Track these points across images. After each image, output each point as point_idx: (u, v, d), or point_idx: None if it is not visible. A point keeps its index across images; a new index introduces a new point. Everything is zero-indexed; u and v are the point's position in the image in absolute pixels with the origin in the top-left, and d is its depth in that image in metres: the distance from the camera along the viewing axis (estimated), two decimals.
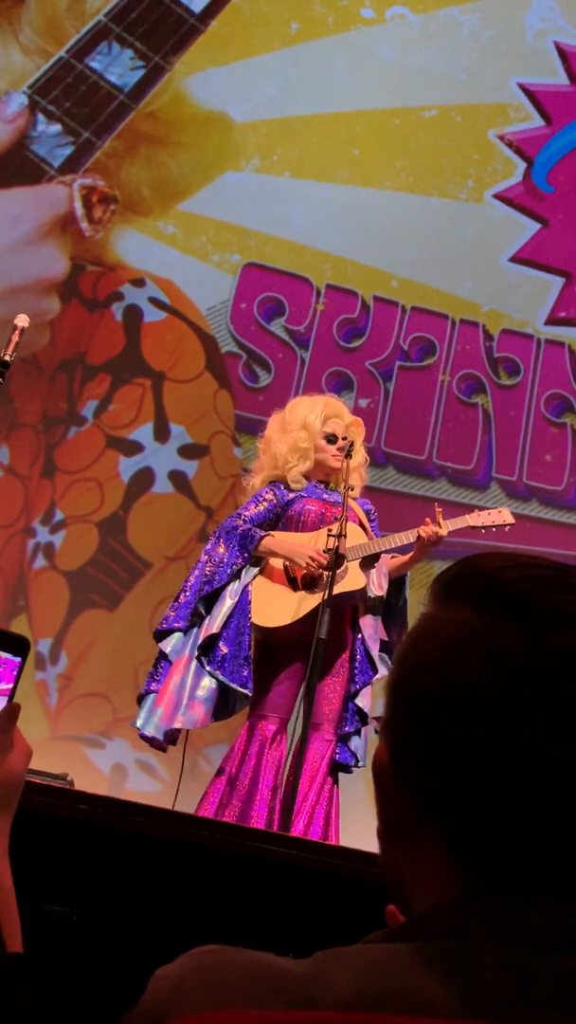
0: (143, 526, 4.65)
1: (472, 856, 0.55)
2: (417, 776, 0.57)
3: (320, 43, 5.07)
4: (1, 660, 0.87)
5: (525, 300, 5.07)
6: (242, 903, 1.69)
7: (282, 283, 4.94)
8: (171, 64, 4.95)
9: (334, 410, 3.21)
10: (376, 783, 0.60)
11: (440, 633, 0.58)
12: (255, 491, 3.15)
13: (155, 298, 4.84)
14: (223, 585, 2.97)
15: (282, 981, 0.51)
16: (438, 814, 0.56)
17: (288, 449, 3.13)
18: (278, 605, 2.99)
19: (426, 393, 4.95)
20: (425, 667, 0.58)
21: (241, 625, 2.94)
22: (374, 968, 0.51)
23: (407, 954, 0.52)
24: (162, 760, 4.27)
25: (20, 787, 0.85)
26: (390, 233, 4.99)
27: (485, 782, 0.55)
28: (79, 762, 4.18)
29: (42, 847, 1.52)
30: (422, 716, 0.57)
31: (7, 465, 4.67)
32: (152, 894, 1.67)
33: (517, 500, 4.90)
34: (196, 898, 1.69)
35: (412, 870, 0.58)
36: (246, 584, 3.00)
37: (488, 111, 5.16)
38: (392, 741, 0.59)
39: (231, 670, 2.89)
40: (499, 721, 0.54)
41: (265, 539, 3.01)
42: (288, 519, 3.10)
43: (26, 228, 4.81)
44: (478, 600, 0.58)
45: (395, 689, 0.60)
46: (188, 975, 0.53)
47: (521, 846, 0.54)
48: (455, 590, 0.59)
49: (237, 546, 3.01)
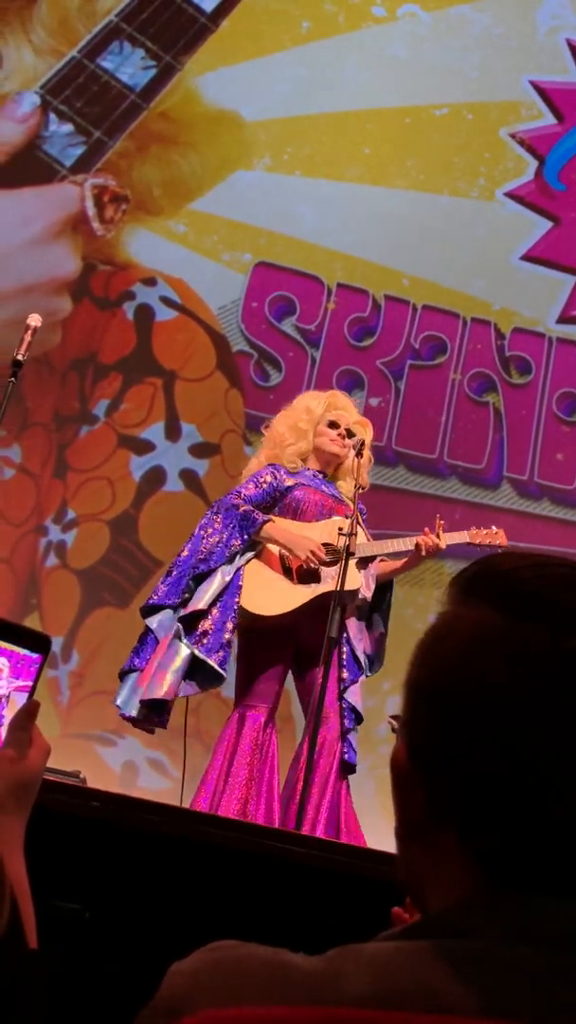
0: (154, 525, 4.66)
1: (489, 855, 0.55)
2: (435, 775, 0.57)
3: (331, 42, 5.07)
4: (22, 657, 0.88)
5: (536, 299, 5.06)
6: (253, 900, 1.70)
7: (293, 282, 4.94)
8: (182, 63, 4.95)
9: (340, 403, 3.20)
10: (394, 781, 0.60)
11: (459, 633, 0.58)
12: (251, 473, 3.13)
13: (166, 297, 4.85)
14: (218, 566, 2.93)
15: (297, 977, 0.52)
16: (456, 813, 0.56)
17: (286, 428, 3.13)
18: (270, 593, 2.95)
19: (437, 392, 4.94)
20: (444, 666, 0.58)
21: (228, 606, 2.90)
22: (390, 965, 0.51)
23: (423, 952, 0.52)
24: (173, 758, 4.28)
25: (37, 784, 0.85)
26: (401, 232, 4.98)
27: (503, 782, 0.55)
28: (90, 760, 4.19)
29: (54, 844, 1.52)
30: (440, 715, 0.57)
31: (19, 464, 4.69)
32: (163, 891, 1.68)
33: (528, 499, 4.89)
34: (207, 895, 1.69)
35: (429, 868, 0.58)
36: (239, 567, 2.96)
37: (499, 109, 5.14)
38: (410, 740, 0.59)
39: (210, 647, 2.84)
40: (517, 721, 0.54)
41: (267, 525, 2.97)
42: (285, 505, 3.06)
43: (38, 228, 4.82)
44: (496, 600, 0.58)
45: (413, 688, 0.60)
46: (204, 970, 0.53)
47: (539, 846, 0.54)
48: (474, 589, 0.59)
49: (237, 527, 2.96)
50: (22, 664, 0.88)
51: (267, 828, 2.40)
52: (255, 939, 0.55)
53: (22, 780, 0.83)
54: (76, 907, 1.53)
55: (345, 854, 1.91)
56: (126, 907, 1.63)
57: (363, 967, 0.52)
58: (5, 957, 0.72)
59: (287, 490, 3.07)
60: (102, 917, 1.57)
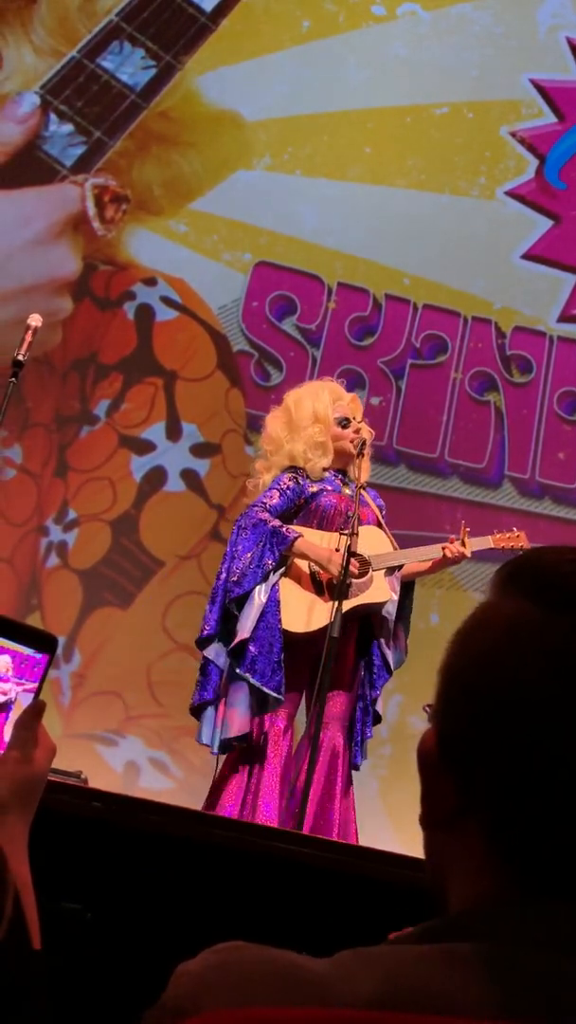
0: (155, 525, 4.65)
1: (513, 851, 0.55)
2: (464, 764, 0.57)
3: (331, 41, 5.07)
4: (27, 657, 0.87)
5: (537, 297, 5.05)
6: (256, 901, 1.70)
7: (293, 281, 4.94)
8: (182, 63, 4.95)
9: (336, 393, 3.16)
10: (421, 769, 0.60)
11: (495, 624, 0.58)
12: (266, 488, 3.05)
13: (167, 297, 4.85)
14: (253, 588, 2.89)
15: (304, 979, 0.51)
16: (482, 804, 0.56)
17: (306, 446, 3.04)
18: (304, 610, 2.92)
19: (438, 391, 4.94)
20: (479, 658, 0.58)
21: (272, 627, 2.87)
22: (400, 967, 0.51)
23: (436, 954, 0.51)
24: (175, 758, 4.28)
25: (43, 784, 0.85)
26: (402, 231, 4.98)
27: (532, 777, 0.54)
28: (92, 760, 4.19)
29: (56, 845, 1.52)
30: (473, 706, 0.57)
31: (20, 464, 4.68)
32: (166, 892, 1.67)
33: (529, 498, 4.89)
34: (210, 896, 1.69)
35: (452, 860, 0.58)
36: (274, 584, 2.92)
37: (500, 108, 5.14)
38: (441, 729, 0.59)
39: (263, 673, 2.82)
40: (550, 716, 0.54)
41: (298, 541, 2.91)
42: (311, 512, 3.01)
43: (38, 228, 4.82)
44: (535, 593, 0.57)
45: (447, 676, 0.59)
46: (210, 971, 0.53)
47: (564, 845, 0.54)
48: (513, 581, 0.59)
49: (268, 544, 2.90)
50: (25, 664, 0.87)
51: (270, 828, 2.40)
52: (259, 940, 0.55)
53: (27, 780, 0.83)
54: (78, 908, 1.53)
55: (350, 855, 1.90)
56: (128, 908, 1.63)
57: (372, 969, 0.51)
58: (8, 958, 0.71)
59: (311, 497, 3.02)
60: (104, 918, 1.56)
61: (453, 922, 0.54)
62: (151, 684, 4.31)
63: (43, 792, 0.85)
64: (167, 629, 4.51)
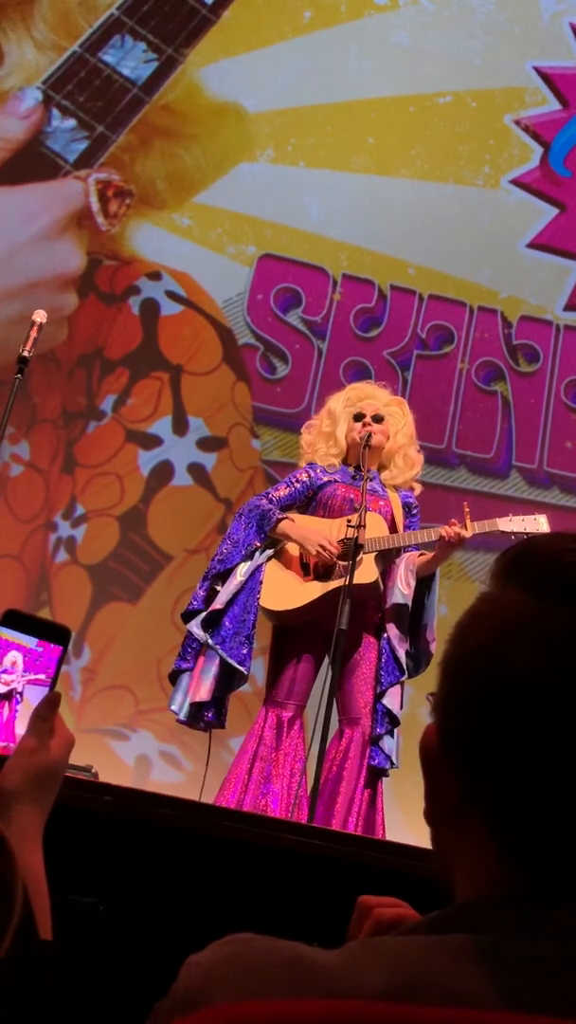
0: (163, 519, 4.66)
1: (516, 843, 0.55)
2: (465, 757, 0.57)
3: (333, 31, 5.04)
4: (43, 649, 0.87)
5: (543, 286, 5.03)
6: (267, 894, 1.70)
7: (298, 274, 4.92)
8: (184, 56, 4.94)
9: (361, 393, 3.22)
10: (423, 763, 0.59)
11: (494, 615, 0.57)
12: (309, 446, 3.17)
13: (172, 291, 4.84)
14: (235, 565, 2.99)
15: (313, 970, 0.51)
16: (484, 797, 0.55)
17: (315, 436, 3.20)
18: (287, 589, 2.99)
19: (445, 382, 4.93)
20: (478, 649, 0.57)
21: (248, 604, 2.95)
22: (407, 958, 0.51)
23: (443, 946, 0.51)
24: (186, 751, 4.29)
25: (60, 775, 0.84)
26: (406, 221, 4.96)
27: (534, 768, 0.54)
28: (104, 754, 4.21)
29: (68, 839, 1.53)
30: (473, 698, 0.56)
31: (28, 460, 4.69)
32: (177, 885, 1.68)
33: (538, 488, 4.87)
34: (221, 888, 1.69)
35: (457, 853, 0.57)
36: (259, 564, 3.01)
37: (504, 96, 5.11)
38: (442, 720, 0.59)
39: (231, 646, 2.90)
40: (550, 708, 0.53)
41: (283, 522, 3.02)
42: (318, 502, 3.11)
43: (42, 224, 4.82)
44: (534, 584, 0.56)
45: (447, 668, 0.59)
46: (220, 963, 0.53)
47: (567, 837, 0.53)
48: (513, 571, 0.58)
49: (255, 526, 3.03)
50: (43, 656, 0.87)
51: (281, 821, 2.40)
52: (270, 932, 0.55)
53: (43, 771, 0.82)
54: (91, 901, 1.53)
55: (361, 846, 1.91)
56: (140, 900, 1.64)
57: (380, 960, 0.51)
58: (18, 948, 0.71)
59: (320, 487, 3.11)
60: (116, 910, 1.57)
61: (459, 913, 0.54)
62: (161, 678, 4.30)
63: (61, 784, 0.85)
64: (176, 623, 4.51)
